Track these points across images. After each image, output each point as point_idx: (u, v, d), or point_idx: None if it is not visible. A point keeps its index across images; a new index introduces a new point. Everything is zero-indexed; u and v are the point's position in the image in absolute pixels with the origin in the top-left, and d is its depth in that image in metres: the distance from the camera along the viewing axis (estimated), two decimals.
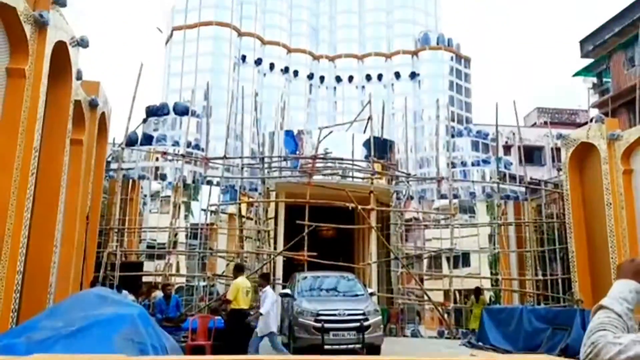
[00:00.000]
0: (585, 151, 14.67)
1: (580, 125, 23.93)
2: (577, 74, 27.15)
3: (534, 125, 32.58)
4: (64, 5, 7.60)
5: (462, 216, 19.15)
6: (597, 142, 13.92)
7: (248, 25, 24.66)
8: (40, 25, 7.23)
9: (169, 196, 17.23)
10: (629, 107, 20.05)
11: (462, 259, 18.31)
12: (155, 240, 16.67)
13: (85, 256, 10.79)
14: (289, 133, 19.84)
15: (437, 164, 22.89)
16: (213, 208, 17.17)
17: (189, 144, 18.95)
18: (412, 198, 20.84)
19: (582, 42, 24.88)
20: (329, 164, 17.52)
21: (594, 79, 26.09)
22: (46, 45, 7.35)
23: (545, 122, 27.21)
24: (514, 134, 22.23)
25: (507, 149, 27.93)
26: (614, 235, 13.14)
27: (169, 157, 18.19)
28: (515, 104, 19.00)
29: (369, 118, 18.37)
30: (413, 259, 19.10)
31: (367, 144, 17.98)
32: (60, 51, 8.22)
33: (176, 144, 19.03)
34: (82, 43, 8.72)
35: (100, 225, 13.79)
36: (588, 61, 25.74)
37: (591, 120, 14.54)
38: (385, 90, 25.69)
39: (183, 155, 17.49)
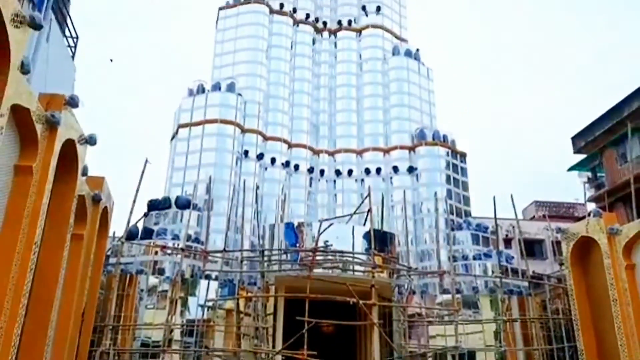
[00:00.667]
0: (586, 245, 14.63)
1: (578, 218, 24.04)
2: (572, 168, 27.76)
3: (532, 218, 32.76)
4: (76, 106, 7.97)
5: (466, 312, 18.68)
6: (597, 236, 13.93)
7: (251, 122, 25.62)
8: (52, 125, 7.51)
9: (166, 291, 16.92)
10: (625, 202, 20.29)
11: (467, 357, 17.58)
12: (150, 337, 16.11)
13: (77, 356, 10.38)
14: (289, 225, 19.91)
15: (438, 257, 22.70)
16: (210, 303, 16.78)
17: (189, 238, 18.92)
18: (414, 292, 20.46)
19: (574, 139, 25.69)
20: (330, 257, 17.39)
21: (589, 174, 26.63)
22: (55, 144, 7.60)
23: (544, 216, 27.37)
24: (513, 227, 22.28)
25: (508, 242, 27.86)
26: (622, 333, 12.74)
27: (168, 251, 18.10)
28: (512, 198, 19.25)
29: (369, 211, 18.50)
30: (417, 358, 18.34)
31: (367, 236, 17.96)
32: (69, 148, 8.47)
33: (176, 237, 19.01)
34: (91, 141, 9.02)
35: (95, 322, 13.41)
36: (581, 156, 26.43)
37: (589, 214, 14.63)
38: (384, 183, 26.10)
39: (182, 249, 17.40)
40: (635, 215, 14.17)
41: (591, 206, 23.29)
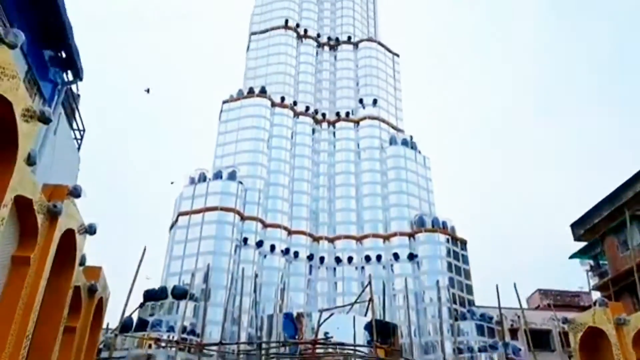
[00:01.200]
0: (594, 336, 14.13)
1: (584, 307, 23.48)
2: (573, 256, 27.47)
3: (537, 307, 31.96)
4: (78, 196, 8.05)
5: None
6: (605, 326, 13.48)
7: (251, 209, 25.79)
8: (53, 215, 7.55)
9: None
10: (630, 290, 19.89)
11: None
12: None
13: None
14: (288, 316, 19.38)
15: (443, 349, 21.90)
16: None
17: (184, 329, 18.35)
18: None
19: (573, 226, 25.66)
20: (330, 350, 16.75)
21: (591, 262, 26.31)
22: (55, 234, 7.59)
23: (549, 305, 26.73)
24: (518, 317, 21.67)
25: (514, 332, 26.95)
26: None
27: (162, 344, 17.47)
28: (516, 287, 18.87)
29: (370, 300, 18.11)
30: None
31: (369, 327, 17.44)
32: (68, 238, 8.45)
33: (171, 329, 18.44)
34: (90, 230, 9.01)
35: None
36: (582, 244, 26.23)
37: (594, 304, 14.29)
38: (384, 271, 25.79)
39: (177, 342, 16.81)
40: None
41: (596, 295, 22.82)
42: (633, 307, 17.88)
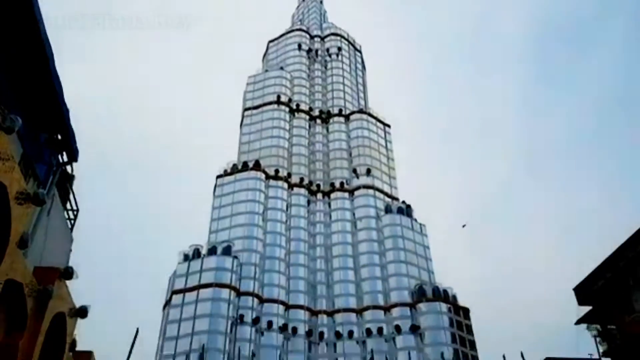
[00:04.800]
0: None
1: None
2: (579, 322, 26.71)
3: None
4: (70, 278, 7.87)
5: None
6: None
7: (247, 285, 25.33)
8: (43, 299, 7.34)
9: None
10: None
11: None
12: None
13: None
14: None
15: None
16: None
17: None
18: None
19: (576, 290, 25.17)
20: None
21: (598, 326, 25.56)
22: (45, 318, 7.34)
23: None
24: None
25: None
26: None
27: None
28: (523, 355, 18.23)
29: None
30: None
31: None
32: (58, 322, 8.17)
33: None
34: (82, 313, 8.73)
35: None
36: (587, 308, 25.59)
37: None
38: (387, 344, 25.00)
39: None
40: None
41: None
42: None
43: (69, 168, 11.90)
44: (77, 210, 12.64)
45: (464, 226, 33.29)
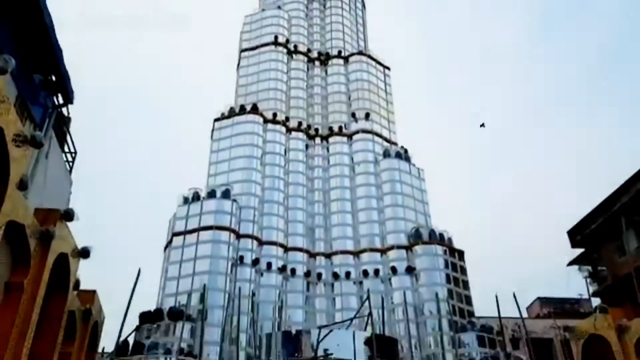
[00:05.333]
0: (596, 342, 14.06)
1: (584, 314, 23.32)
2: (571, 263, 27.42)
3: (537, 316, 31.81)
4: (71, 220, 7.96)
5: None
6: (606, 333, 13.44)
7: (246, 228, 25.63)
8: (45, 240, 7.46)
9: None
10: (630, 296, 19.83)
11: None
12: None
13: None
14: (287, 334, 19.19)
15: None
16: None
17: (181, 351, 18.09)
18: None
19: (570, 233, 25.66)
20: None
21: (589, 268, 26.25)
22: (48, 259, 7.49)
23: (549, 313, 26.61)
24: (519, 326, 21.55)
25: (515, 342, 26.76)
26: None
27: None
28: (515, 296, 18.82)
29: (369, 315, 17.96)
30: None
31: (369, 342, 17.27)
32: (61, 262, 8.34)
33: (168, 352, 18.17)
34: (84, 254, 8.90)
35: None
36: (579, 250, 26.20)
37: (595, 310, 14.24)
38: (382, 285, 25.62)
39: None
40: None
41: (596, 301, 22.73)
42: (633, 312, 17.78)
43: (65, 110, 11.81)
44: (75, 152, 12.65)
45: (482, 125, 32.91)
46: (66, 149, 12.38)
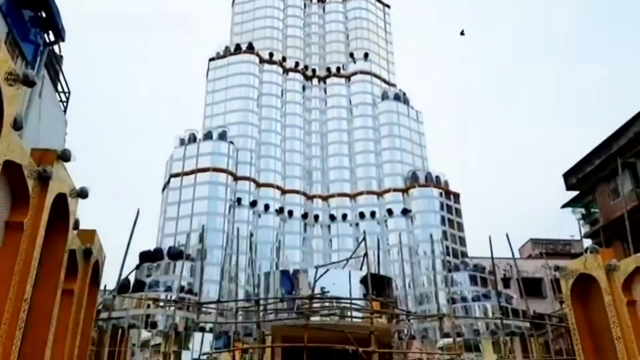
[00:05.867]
0: (585, 282, 14.41)
1: (575, 255, 23.91)
2: (565, 205, 27.82)
3: (529, 257, 32.58)
4: (68, 160, 7.93)
5: (468, 355, 18.30)
6: (596, 273, 13.74)
7: (243, 169, 25.66)
8: (43, 180, 7.46)
9: (159, 345, 16.47)
10: (621, 237, 20.24)
11: None
12: None
13: None
14: (284, 273, 19.65)
15: (437, 300, 22.42)
16: (205, 357, 16.30)
17: (181, 289, 18.58)
18: (414, 338, 20.05)
19: (566, 176, 25.85)
20: (327, 304, 17.08)
21: (583, 210, 26.66)
22: (47, 199, 7.52)
23: (541, 254, 27.25)
24: (511, 266, 22.10)
25: (506, 281, 27.57)
26: None
27: (161, 304, 17.71)
28: (508, 237, 19.18)
29: (365, 255, 18.34)
30: None
31: (364, 281, 17.73)
32: (60, 202, 8.37)
33: (169, 289, 18.65)
34: (82, 194, 8.93)
35: None
36: (573, 193, 26.52)
37: (586, 251, 14.54)
38: (379, 227, 26.01)
39: (175, 302, 17.04)
40: (633, 250, 14.13)
41: (587, 242, 23.25)
42: (623, 253, 18.21)
43: (56, 48, 11.53)
44: (69, 92, 12.46)
45: (462, 33, 32.29)
46: (59, 89, 12.20)
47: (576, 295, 14.79)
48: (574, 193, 26.63)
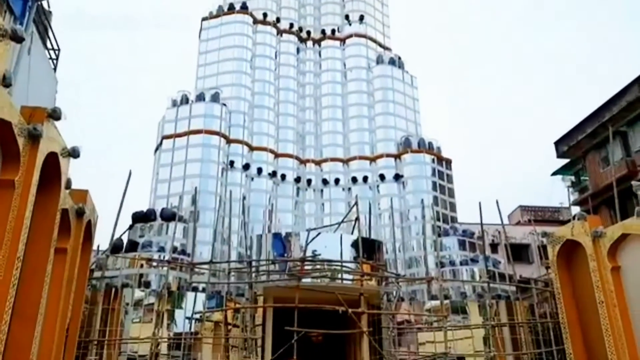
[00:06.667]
0: (571, 248, 14.76)
1: (563, 222, 24.31)
2: (555, 173, 28.08)
3: (518, 223, 33.03)
4: (58, 119, 7.86)
5: (455, 317, 18.74)
6: (582, 239, 14.06)
7: (236, 132, 25.52)
8: (34, 138, 7.42)
9: (152, 304, 16.72)
10: (609, 204, 20.54)
11: None
12: (136, 352, 15.88)
13: None
14: (277, 236, 19.82)
15: (426, 263, 22.79)
16: (198, 316, 16.60)
17: (174, 250, 18.74)
18: (402, 300, 20.46)
19: (557, 143, 26.01)
20: (318, 266, 17.34)
21: (572, 178, 26.95)
22: (38, 157, 7.49)
23: (529, 220, 27.63)
24: (499, 232, 22.43)
25: (494, 247, 28.05)
26: (610, 335, 12.84)
27: (154, 264, 17.90)
28: (498, 203, 19.41)
29: (356, 219, 18.51)
30: None
31: (355, 244, 17.96)
32: (51, 161, 8.36)
33: (162, 250, 18.82)
34: (74, 153, 8.90)
35: (79, 337, 13.17)
36: (564, 161, 26.75)
37: (574, 218, 14.79)
38: (371, 191, 26.15)
39: (168, 262, 17.22)
40: (619, 218, 14.37)
41: (576, 210, 23.61)
42: (610, 220, 18.53)
43: (45, 4, 11.25)
44: (59, 49, 12.23)
45: None
46: (49, 46, 11.96)
47: (562, 260, 15.16)
48: (565, 161, 26.86)
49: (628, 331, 12.63)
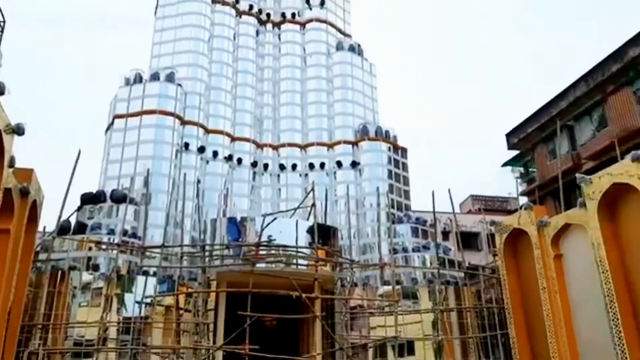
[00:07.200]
0: (518, 237, 15.33)
1: (511, 212, 25.18)
2: (506, 164, 29.01)
3: (469, 212, 34.03)
4: (2, 93, 7.47)
5: (406, 302, 19.18)
6: (528, 228, 14.62)
7: (192, 114, 24.99)
8: None
9: (101, 288, 16.28)
10: (554, 195, 21.41)
11: (407, 347, 18.06)
12: (83, 336, 15.44)
13: (2, 357, 9.80)
14: (231, 220, 19.61)
15: (380, 250, 23.17)
16: (148, 300, 16.30)
17: (125, 233, 18.27)
18: (356, 285, 20.76)
19: (508, 136, 26.82)
20: (273, 251, 17.29)
21: (521, 169, 27.93)
22: None
23: (480, 209, 28.45)
24: (450, 220, 23.02)
25: (446, 235, 28.80)
26: (550, 320, 13.46)
27: (103, 247, 17.41)
28: (450, 192, 19.89)
29: (313, 205, 18.53)
30: (358, 349, 18.63)
31: (310, 230, 18.00)
32: None
33: (111, 232, 18.29)
34: (18, 130, 8.49)
35: (23, 321, 12.69)
36: (514, 153, 27.66)
37: (521, 208, 15.35)
38: (327, 178, 26.26)
39: (118, 245, 16.79)
40: (564, 208, 15.01)
41: (523, 200, 24.50)
42: (555, 211, 19.33)
43: None
44: (4, 22, 11.57)
45: None
46: None
47: (508, 248, 15.74)
48: (515, 152, 27.77)
49: (567, 316, 13.28)
